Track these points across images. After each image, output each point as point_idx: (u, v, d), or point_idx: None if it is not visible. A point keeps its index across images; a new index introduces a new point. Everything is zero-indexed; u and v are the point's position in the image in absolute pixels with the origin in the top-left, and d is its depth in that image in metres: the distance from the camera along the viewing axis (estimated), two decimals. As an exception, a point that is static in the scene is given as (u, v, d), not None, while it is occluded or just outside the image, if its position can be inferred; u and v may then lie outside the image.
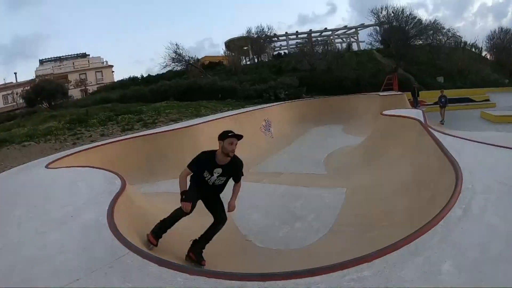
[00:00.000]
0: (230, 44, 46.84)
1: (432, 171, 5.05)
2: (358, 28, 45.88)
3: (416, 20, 34.61)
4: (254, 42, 44.37)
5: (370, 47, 40.02)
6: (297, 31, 46.64)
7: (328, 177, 8.75)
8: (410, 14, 34.58)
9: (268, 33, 43.73)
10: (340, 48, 41.82)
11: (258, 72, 36.63)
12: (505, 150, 4.80)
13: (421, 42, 35.67)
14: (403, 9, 34.80)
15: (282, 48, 49.72)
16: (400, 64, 32.54)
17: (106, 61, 61.16)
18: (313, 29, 45.33)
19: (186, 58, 39.99)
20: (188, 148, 9.65)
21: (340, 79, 27.91)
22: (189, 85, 29.99)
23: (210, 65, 46.47)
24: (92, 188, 4.68)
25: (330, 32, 43.96)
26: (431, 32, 34.65)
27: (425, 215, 3.28)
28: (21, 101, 37.45)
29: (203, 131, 11.59)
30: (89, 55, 63.54)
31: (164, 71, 40.72)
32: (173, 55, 39.43)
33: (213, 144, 4.42)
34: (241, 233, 5.73)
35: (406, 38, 33.21)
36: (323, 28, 43.39)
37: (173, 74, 40.02)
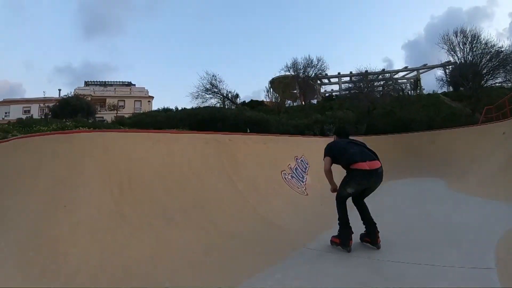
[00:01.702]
0: (275, 82, 39.26)
1: None
2: (420, 71, 36.66)
3: (494, 50, 23.90)
4: (301, 81, 36.41)
5: (438, 89, 30.80)
6: (351, 72, 38.05)
7: None
8: (487, 42, 24.07)
9: (318, 66, 35.52)
10: (403, 88, 32.38)
11: (304, 112, 28.46)
12: None
13: (499, 79, 24.85)
14: (478, 36, 24.27)
15: (334, 91, 41.54)
16: (477, 108, 22.61)
17: (147, 91, 57.05)
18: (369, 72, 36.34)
19: (223, 91, 32.23)
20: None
21: (407, 122, 18.95)
22: (211, 114, 22.35)
23: (251, 104, 39.09)
24: None
25: (389, 75, 34.63)
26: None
27: None
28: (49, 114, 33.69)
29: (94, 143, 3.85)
30: (134, 84, 60.83)
31: (196, 103, 33.10)
32: (208, 85, 31.93)
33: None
34: None
35: (479, 76, 23.47)
36: (380, 70, 33.67)
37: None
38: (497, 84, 25.22)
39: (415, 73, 37.65)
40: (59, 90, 39.73)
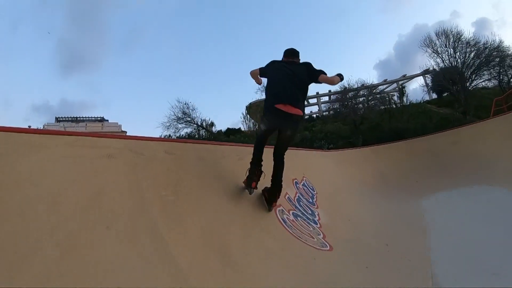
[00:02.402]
0: (252, 107, 36.25)
1: None
2: (400, 82, 34.92)
3: (478, 47, 22.15)
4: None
5: (422, 98, 29.76)
6: (329, 91, 35.69)
7: None
8: (469, 41, 22.30)
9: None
10: (389, 99, 30.27)
11: None
12: None
13: (485, 76, 23.20)
14: (460, 36, 22.58)
15: (313, 113, 39.16)
16: (468, 110, 20.85)
17: (120, 126, 53.41)
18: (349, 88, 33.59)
19: (197, 120, 29.09)
20: None
21: (400, 132, 16.81)
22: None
23: (228, 132, 36.19)
24: None
25: (367, 91, 31.73)
26: (497, 59, 21.92)
27: None
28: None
29: None
30: (107, 120, 57.21)
31: (168, 134, 29.64)
32: (180, 114, 28.88)
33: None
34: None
35: (464, 78, 21.84)
36: (359, 85, 30.69)
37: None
38: (482, 84, 23.65)
39: (395, 85, 35.76)
40: (29, 126, 35.84)
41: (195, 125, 29.00)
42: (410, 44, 79.69)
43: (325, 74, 3.56)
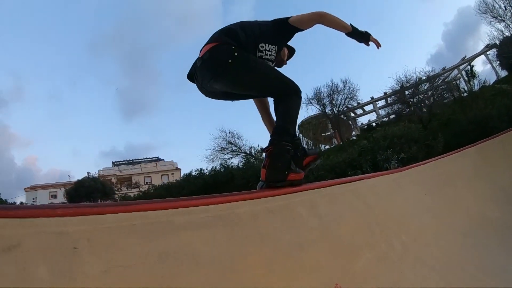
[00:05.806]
0: (304, 125, 32.65)
1: None
2: (461, 67, 29.21)
3: None
4: (332, 117, 30.31)
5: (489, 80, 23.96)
6: (385, 92, 29.51)
7: None
8: None
9: (345, 90, 29.62)
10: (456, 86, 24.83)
11: (343, 150, 22.07)
12: None
13: None
14: None
15: (371, 122, 34.66)
16: None
17: (176, 164, 53.84)
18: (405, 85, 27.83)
19: (244, 148, 26.35)
20: None
21: (481, 121, 12.62)
22: (214, 176, 18.90)
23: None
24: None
25: (427, 84, 25.99)
26: None
27: None
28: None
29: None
30: (162, 159, 57.98)
31: (213, 165, 27.20)
32: (224, 144, 26.67)
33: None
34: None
35: None
36: (416, 80, 23.84)
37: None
38: None
39: (455, 72, 30.17)
40: (88, 173, 36.47)
41: (243, 153, 26.32)
42: (458, 30, 72.25)
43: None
